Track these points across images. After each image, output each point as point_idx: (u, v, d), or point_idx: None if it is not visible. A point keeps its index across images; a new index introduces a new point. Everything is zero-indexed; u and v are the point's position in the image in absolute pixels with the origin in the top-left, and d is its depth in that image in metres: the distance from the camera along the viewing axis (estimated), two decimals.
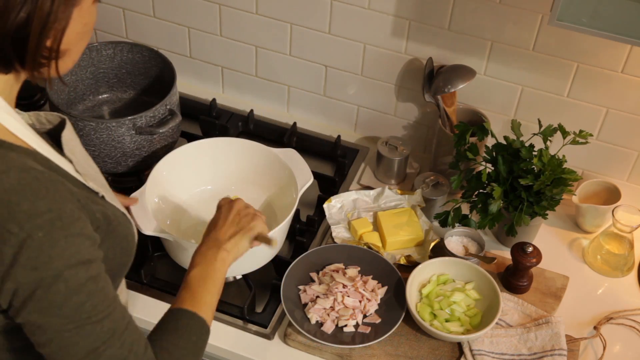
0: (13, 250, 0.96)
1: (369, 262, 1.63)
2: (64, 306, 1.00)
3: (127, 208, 1.52)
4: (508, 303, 1.60)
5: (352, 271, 1.61)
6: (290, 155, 1.69)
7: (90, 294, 1.02)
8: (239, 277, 1.66)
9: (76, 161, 1.14)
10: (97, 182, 1.16)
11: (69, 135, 1.17)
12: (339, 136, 1.94)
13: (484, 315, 1.56)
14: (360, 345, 1.50)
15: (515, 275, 1.62)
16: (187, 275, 1.26)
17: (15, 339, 1.07)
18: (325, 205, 1.77)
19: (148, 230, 1.50)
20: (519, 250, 1.60)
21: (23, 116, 1.17)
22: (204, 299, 1.21)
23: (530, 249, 1.59)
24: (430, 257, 1.67)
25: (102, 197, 1.13)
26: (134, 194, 1.56)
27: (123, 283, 1.29)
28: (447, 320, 1.55)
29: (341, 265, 1.63)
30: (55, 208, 0.99)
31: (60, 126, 1.19)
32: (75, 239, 1.00)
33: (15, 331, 1.05)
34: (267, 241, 1.38)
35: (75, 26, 1.03)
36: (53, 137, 1.19)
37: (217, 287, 1.25)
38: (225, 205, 1.40)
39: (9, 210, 0.96)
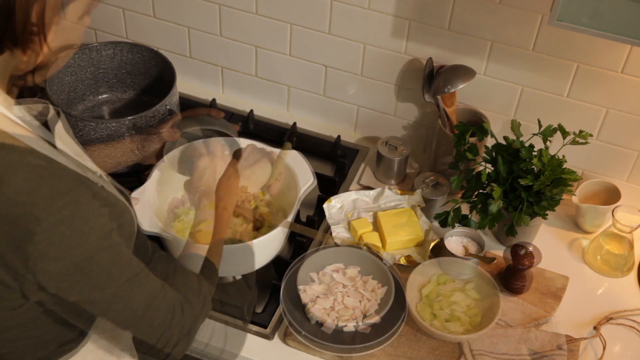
0: (45, 235, 0.98)
1: (369, 262, 1.63)
2: (111, 273, 1.05)
3: None
4: (508, 303, 1.60)
5: (352, 271, 1.61)
6: (291, 156, 1.68)
7: (126, 256, 1.09)
8: (238, 277, 1.66)
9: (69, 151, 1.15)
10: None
11: (60, 131, 1.18)
12: (339, 136, 1.94)
13: (484, 315, 1.56)
14: (360, 345, 1.50)
15: (514, 276, 1.62)
16: (219, 213, 1.47)
17: (35, 308, 1.10)
18: (325, 206, 1.77)
19: (148, 230, 1.50)
20: (516, 251, 1.59)
21: (13, 110, 1.17)
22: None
23: (527, 250, 1.59)
24: (430, 257, 1.67)
25: (100, 175, 1.15)
26: (134, 194, 1.56)
27: None
28: (447, 320, 1.55)
29: (341, 265, 1.63)
30: (74, 186, 1.02)
31: (53, 118, 1.20)
32: (99, 211, 1.04)
33: (39, 303, 1.08)
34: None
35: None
36: (45, 125, 1.19)
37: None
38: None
39: (32, 200, 0.98)
